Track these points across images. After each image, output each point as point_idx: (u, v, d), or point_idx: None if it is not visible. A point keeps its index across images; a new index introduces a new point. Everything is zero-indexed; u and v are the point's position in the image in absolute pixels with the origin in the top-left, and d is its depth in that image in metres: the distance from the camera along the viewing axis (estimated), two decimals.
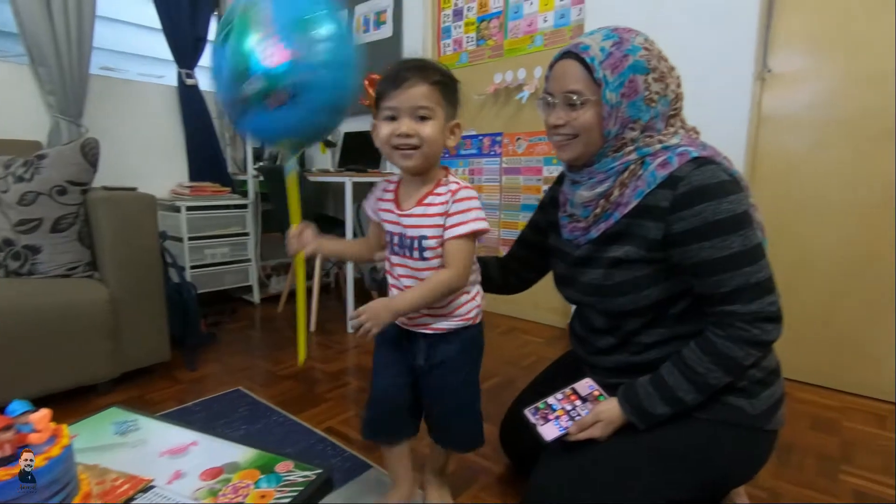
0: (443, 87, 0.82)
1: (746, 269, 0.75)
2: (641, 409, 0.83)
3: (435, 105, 0.82)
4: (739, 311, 0.76)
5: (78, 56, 2.18)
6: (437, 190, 0.85)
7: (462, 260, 0.84)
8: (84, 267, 1.67)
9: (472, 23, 2.50)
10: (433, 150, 0.83)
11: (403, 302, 0.84)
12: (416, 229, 0.86)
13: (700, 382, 0.79)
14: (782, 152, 1.72)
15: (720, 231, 0.75)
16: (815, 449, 1.33)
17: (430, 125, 0.81)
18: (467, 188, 0.85)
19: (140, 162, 2.55)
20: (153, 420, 0.84)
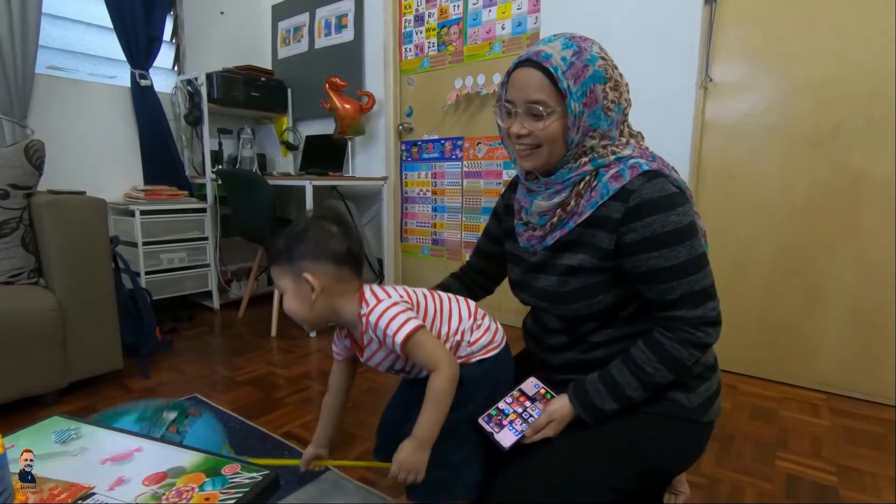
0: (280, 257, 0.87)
1: (692, 277, 0.80)
2: (592, 407, 0.86)
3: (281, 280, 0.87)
4: (685, 316, 0.80)
5: (22, 54, 2.10)
6: (364, 327, 0.86)
7: (430, 355, 0.84)
8: (29, 273, 1.61)
9: (434, 28, 2.53)
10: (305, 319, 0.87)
11: (425, 430, 0.83)
12: (381, 365, 0.91)
13: (647, 381, 0.83)
14: (723, 158, 1.82)
15: (668, 242, 0.79)
16: (754, 437, 1.41)
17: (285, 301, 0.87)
18: (373, 310, 0.85)
19: (91, 165, 2.47)
20: (97, 428, 0.82)
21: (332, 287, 0.85)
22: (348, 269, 0.87)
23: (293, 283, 0.85)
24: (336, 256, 0.85)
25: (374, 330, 0.84)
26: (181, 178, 2.70)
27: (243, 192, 2.36)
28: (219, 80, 2.62)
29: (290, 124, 3.08)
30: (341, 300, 0.87)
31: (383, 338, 0.84)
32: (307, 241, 0.85)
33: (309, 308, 0.85)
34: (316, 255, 0.84)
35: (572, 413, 0.87)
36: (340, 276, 0.86)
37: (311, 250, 0.84)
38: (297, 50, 3.06)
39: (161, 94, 2.65)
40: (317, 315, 0.86)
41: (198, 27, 2.89)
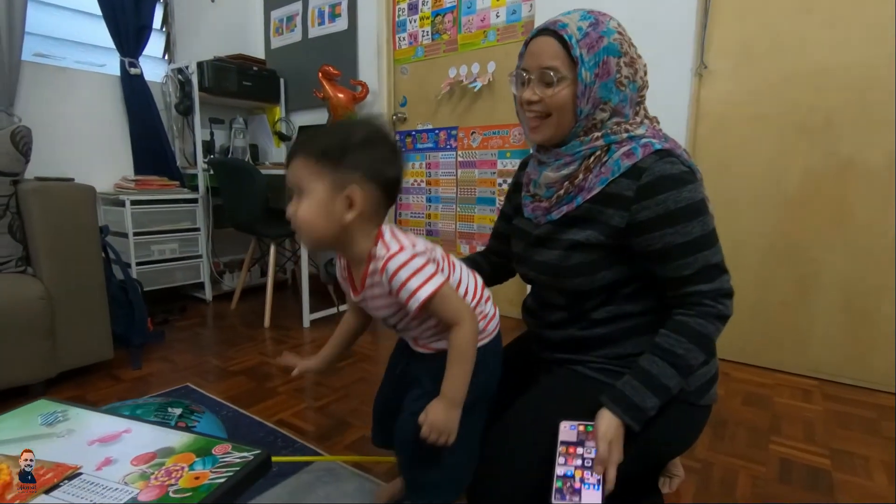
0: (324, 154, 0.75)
1: (706, 251, 0.80)
2: (634, 408, 0.79)
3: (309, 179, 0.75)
4: (704, 289, 0.80)
5: (8, 41, 2.06)
6: (370, 268, 0.78)
7: (454, 310, 0.78)
8: (16, 262, 1.59)
9: (427, 17, 2.51)
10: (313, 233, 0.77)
11: (454, 387, 0.78)
12: (377, 311, 0.84)
13: (682, 365, 0.80)
14: (717, 146, 1.82)
15: (682, 218, 0.79)
16: (748, 422, 1.41)
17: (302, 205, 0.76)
18: (394, 256, 0.75)
19: (80, 155, 2.43)
20: (84, 410, 0.81)
21: (365, 213, 0.76)
22: (387, 201, 0.79)
23: (326, 191, 0.74)
24: (387, 182, 0.77)
25: (391, 280, 0.75)
26: (172, 168, 2.67)
27: (235, 182, 2.34)
28: (210, 69, 2.59)
29: (282, 114, 3.05)
30: (362, 230, 0.78)
31: (398, 290, 0.75)
32: (367, 151, 0.75)
33: (328, 225, 0.75)
34: (371, 173, 0.75)
35: (618, 423, 0.79)
36: (378, 206, 0.78)
37: (367, 164, 0.74)
38: (290, 39, 3.03)
39: (151, 82, 2.61)
40: (332, 235, 0.76)
41: (188, 15, 2.85)
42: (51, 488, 0.61)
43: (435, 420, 0.77)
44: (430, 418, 0.77)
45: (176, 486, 0.61)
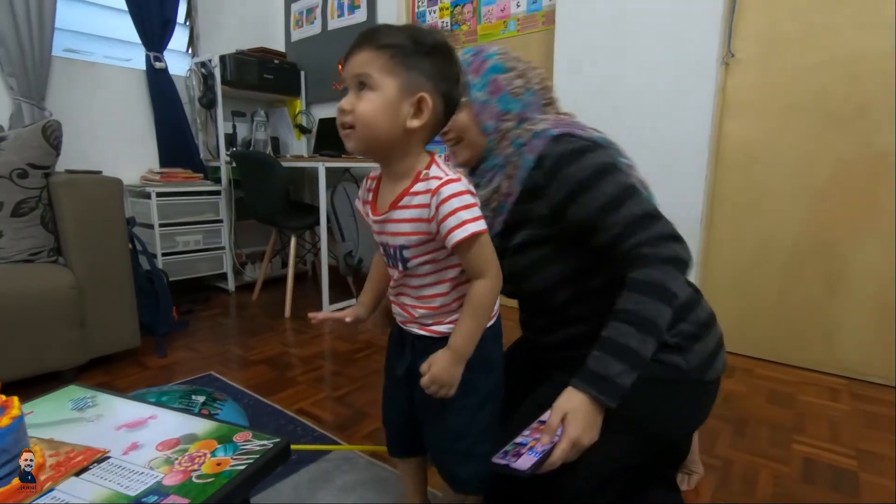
0: (398, 51, 0.68)
1: (628, 203, 0.79)
2: (595, 376, 0.74)
3: (379, 73, 0.67)
4: (640, 239, 0.77)
5: (39, 37, 2.12)
6: (414, 188, 0.72)
7: (488, 261, 0.73)
8: (48, 252, 1.64)
9: (447, 7, 2.49)
10: (372, 132, 0.69)
11: (463, 340, 0.74)
12: (394, 237, 0.75)
13: (639, 320, 0.74)
14: (744, 137, 1.77)
15: (591, 183, 0.80)
16: (770, 421, 1.38)
17: (367, 99, 0.68)
18: (451, 182, 0.70)
19: (108, 147, 2.49)
20: (112, 396, 0.84)
21: (427, 126, 0.72)
22: (443, 123, 0.75)
23: (397, 91, 0.68)
24: (451, 101, 0.73)
25: (441, 203, 0.69)
26: (196, 160, 2.72)
27: (256, 174, 2.37)
28: (232, 63, 2.62)
29: (303, 107, 3.07)
30: (417, 144, 0.73)
31: (446, 216, 0.69)
32: (439, 62, 0.70)
33: (391, 127, 0.69)
34: (440, 85, 0.70)
35: (581, 397, 0.75)
36: (437, 124, 0.74)
37: (439, 75, 0.70)
38: (310, 32, 3.04)
39: (175, 76, 2.66)
40: (390, 139, 0.70)
41: (211, 9, 2.89)
42: (81, 470, 0.63)
43: (439, 372, 0.73)
44: (434, 370, 0.73)
45: (199, 472, 0.63)
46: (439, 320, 0.79)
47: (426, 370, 0.74)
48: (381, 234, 0.78)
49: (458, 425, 0.79)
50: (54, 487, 0.60)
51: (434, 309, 0.78)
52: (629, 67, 1.88)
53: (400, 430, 0.92)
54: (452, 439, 0.79)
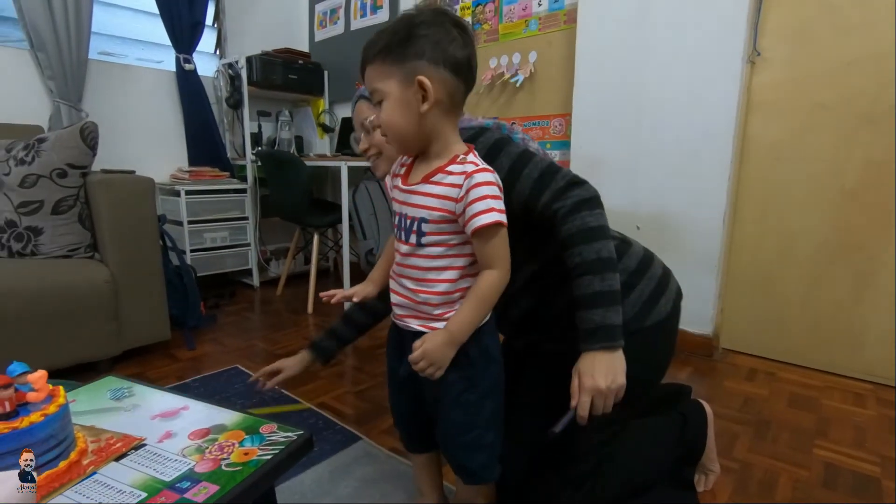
0: (386, 52, 0.70)
1: (526, 170, 0.83)
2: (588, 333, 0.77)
3: (382, 81, 0.71)
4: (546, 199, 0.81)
5: (77, 41, 2.21)
6: (449, 167, 0.73)
7: (502, 254, 0.73)
8: (85, 248, 1.72)
9: (468, 7, 2.50)
10: (398, 132, 0.73)
11: (461, 324, 0.73)
12: (416, 209, 0.75)
13: (589, 266, 0.78)
14: (769, 137, 1.74)
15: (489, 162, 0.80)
16: (792, 424, 1.37)
17: (383, 109, 0.72)
18: (486, 171, 0.72)
19: (140, 146, 2.58)
20: (147, 387, 0.89)
21: (443, 101, 0.71)
22: (463, 85, 0.74)
23: (399, 87, 0.70)
24: (456, 64, 0.71)
25: (474, 187, 0.70)
26: (223, 159, 2.80)
27: (281, 173, 2.43)
28: (258, 64, 2.68)
29: (326, 107, 3.13)
30: (445, 122, 0.74)
31: (475, 200, 0.70)
32: (428, 35, 0.69)
33: (409, 120, 0.71)
34: (435, 57, 0.69)
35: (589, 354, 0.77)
36: (455, 92, 0.73)
37: (430, 49, 0.69)
38: (334, 32, 3.09)
39: (204, 77, 2.74)
40: (415, 131, 0.72)
41: (238, 11, 2.96)
42: (120, 456, 0.68)
43: (432, 350, 0.72)
44: (427, 346, 0.72)
45: (228, 460, 0.67)
46: (440, 314, 0.76)
47: (419, 345, 0.73)
48: (404, 204, 0.77)
49: (464, 418, 0.80)
50: (97, 471, 0.64)
51: (437, 294, 0.75)
52: (651, 66, 1.87)
53: (410, 430, 0.94)
54: (459, 432, 0.81)
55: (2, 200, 1.64)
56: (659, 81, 1.86)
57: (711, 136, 1.76)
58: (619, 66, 1.94)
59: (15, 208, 1.64)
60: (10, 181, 1.64)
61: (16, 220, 1.64)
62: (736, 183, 1.80)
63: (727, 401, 1.49)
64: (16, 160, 1.65)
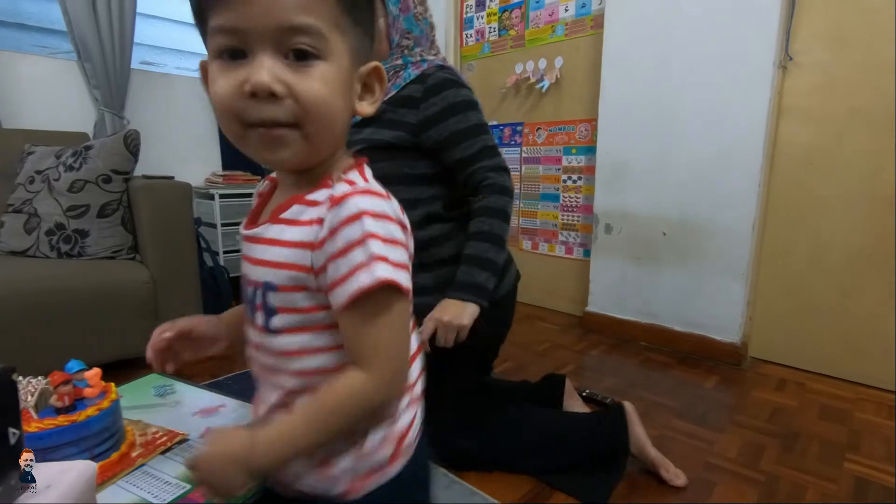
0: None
1: (483, 136, 1.01)
2: (467, 285, 0.95)
3: (331, 29, 0.42)
4: (488, 164, 1.00)
5: (120, 52, 2.32)
6: (312, 195, 0.45)
7: (383, 343, 0.43)
8: (127, 250, 1.81)
9: (495, 13, 2.52)
10: (329, 131, 0.44)
11: (273, 442, 0.43)
12: (258, 268, 0.46)
13: (494, 237, 0.97)
14: (801, 143, 1.71)
15: (461, 109, 1.00)
16: (821, 437, 1.34)
17: (316, 74, 0.41)
18: (371, 195, 0.43)
19: (177, 151, 2.69)
20: (187, 385, 0.94)
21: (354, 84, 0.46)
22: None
23: (349, 57, 0.44)
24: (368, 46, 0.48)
25: (346, 223, 0.41)
26: (255, 163, 2.88)
27: None
28: None
29: None
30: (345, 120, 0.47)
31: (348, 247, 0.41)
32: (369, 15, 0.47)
33: (344, 114, 0.46)
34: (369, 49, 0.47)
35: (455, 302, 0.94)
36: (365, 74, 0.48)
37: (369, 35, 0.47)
38: None
39: None
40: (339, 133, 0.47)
41: None
42: (165, 450, 0.73)
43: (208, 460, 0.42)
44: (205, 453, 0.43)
45: None
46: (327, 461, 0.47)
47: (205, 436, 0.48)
48: (245, 259, 0.49)
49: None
50: (145, 463, 0.69)
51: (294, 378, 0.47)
52: (679, 71, 1.85)
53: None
54: None
55: (52, 204, 1.74)
56: (687, 86, 1.84)
57: (741, 141, 1.74)
58: (646, 70, 1.93)
59: (64, 211, 1.73)
60: (59, 186, 1.74)
61: (64, 223, 1.73)
62: (766, 189, 1.78)
63: (755, 411, 1.47)
64: (65, 166, 1.75)
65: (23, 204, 1.75)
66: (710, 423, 1.39)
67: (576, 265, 2.34)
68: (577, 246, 2.34)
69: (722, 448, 1.27)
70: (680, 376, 1.72)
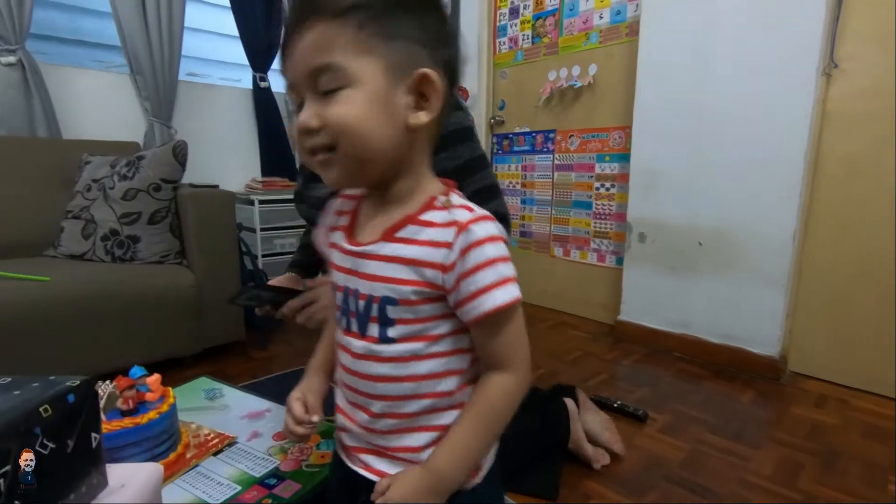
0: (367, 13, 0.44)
1: (479, 174, 0.85)
2: None
3: (350, 56, 0.44)
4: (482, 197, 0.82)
5: (169, 64, 2.44)
6: (426, 215, 0.49)
7: (519, 345, 0.49)
8: (174, 255, 1.91)
9: (528, 20, 2.53)
10: (366, 146, 0.45)
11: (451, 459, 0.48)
12: (373, 283, 0.49)
13: None
14: (846, 152, 1.66)
15: (450, 143, 0.83)
16: (864, 457, 1.30)
17: (343, 100, 0.44)
18: (487, 220, 0.48)
19: (219, 158, 2.80)
20: (235, 389, 1.00)
21: (435, 118, 0.48)
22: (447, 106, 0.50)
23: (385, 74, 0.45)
24: (453, 70, 0.50)
25: (470, 247, 0.46)
26: (293, 170, 2.98)
27: None
28: None
29: None
30: (422, 150, 0.50)
31: (473, 269, 0.46)
32: (436, 14, 0.48)
33: (397, 135, 0.47)
34: (441, 50, 0.48)
35: None
36: (442, 112, 0.49)
37: (436, 35, 0.48)
38: None
39: (276, 93, 2.93)
40: (397, 154, 0.48)
41: None
42: (217, 451, 0.78)
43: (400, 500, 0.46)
44: (396, 494, 0.47)
45: (307, 461, 0.75)
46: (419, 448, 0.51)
47: (382, 491, 0.47)
48: (353, 274, 0.51)
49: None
50: (199, 464, 0.74)
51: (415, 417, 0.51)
52: (716, 78, 1.82)
53: None
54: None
55: (107, 211, 1.85)
56: (724, 94, 1.81)
57: (781, 149, 1.70)
58: (682, 78, 1.91)
59: (118, 218, 1.84)
60: (114, 194, 1.85)
61: (118, 229, 1.84)
62: (808, 198, 1.73)
63: (793, 428, 1.44)
64: (119, 175, 1.86)
65: (81, 210, 1.87)
66: (746, 439, 1.36)
67: (608, 273, 2.33)
68: (610, 254, 2.32)
69: (758, 465, 1.25)
70: (715, 389, 1.70)
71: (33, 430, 0.41)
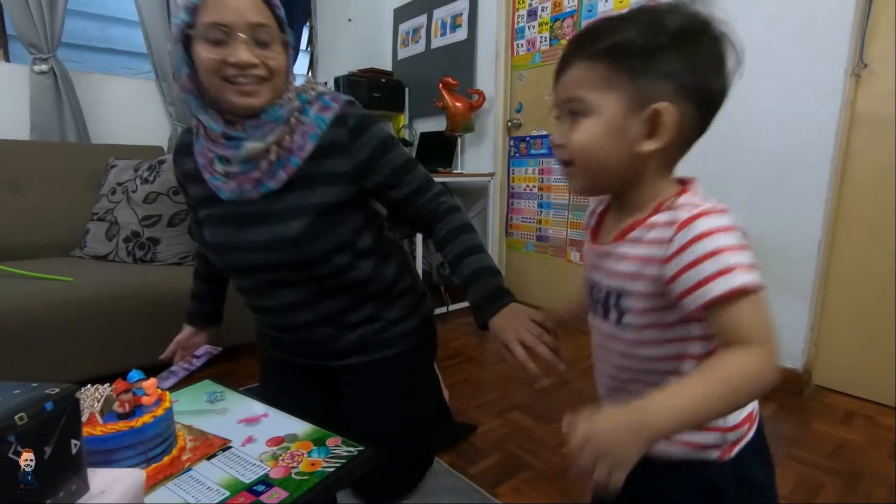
0: (620, 55, 0.51)
1: (418, 167, 1.01)
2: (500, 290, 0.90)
3: (595, 92, 0.53)
4: (434, 192, 1.01)
5: None
6: (652, 219, 0.55)
7: (759, 324, 0.49)
8: (192, 257, 1.95)
9: (546, 23, 2.51)
10: (595, 167, 0.55)
11: (670, 407, 0.46)
12: (610, 278, 0.59)
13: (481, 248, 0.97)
14: (876, 157, 1.58)
15: (391, 144, 0.97)
16: (890, 479, 1.23)
17: (581, 128, 0.54)
18: (713, 213, 0.51)
19: None
20: (236, 393, 1.01)
21: (673, 143, 0.53)
22: (701, 127, 0.56)
23: (622, 108, 0.52)
24: (709, 97, 0.54)
25: (694, 241, 0.49)
26: None
27: None
28: (345, 84, 2.87)
29: (406, 122, 3.26)
30: (658, 168, 0.56)
31: (699, 259, 0.49)
32: (685, 51, 0.52)
33: (617, 156, 0.54)
34: (692, 78, 0.52)
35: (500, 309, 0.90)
36: (691, 132, 0.55)
37: (685, 71, 0.51)
38: (415, 50, 3.22)
39: None
40: (617, 169, 0.55)
41: (328, 35, 3.18)
42: (211, 455, 0.79)
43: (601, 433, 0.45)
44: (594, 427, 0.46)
45: (297, 469, 0.75)
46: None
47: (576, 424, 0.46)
48: (596, 269, 0.62)
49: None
50: (192, 467, 0.75)
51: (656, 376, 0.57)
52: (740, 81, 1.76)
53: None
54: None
55: (130, 213, 1.91)
56: (747, 97, 1.74)
57: (806, 154, 1.64)
58: None
59: (140, 220, 1.90)
60: (136, 197, 1.91)
61: (140, 231, 1.90)
62: (835, 206, 1.65)
63: (815, 445, 1.37)
64: (141, 179, 1.92)
65: (105, 213, 1.94)
66: None
67: None
68: None
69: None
70: None
71: (7, 437, 0.42)
